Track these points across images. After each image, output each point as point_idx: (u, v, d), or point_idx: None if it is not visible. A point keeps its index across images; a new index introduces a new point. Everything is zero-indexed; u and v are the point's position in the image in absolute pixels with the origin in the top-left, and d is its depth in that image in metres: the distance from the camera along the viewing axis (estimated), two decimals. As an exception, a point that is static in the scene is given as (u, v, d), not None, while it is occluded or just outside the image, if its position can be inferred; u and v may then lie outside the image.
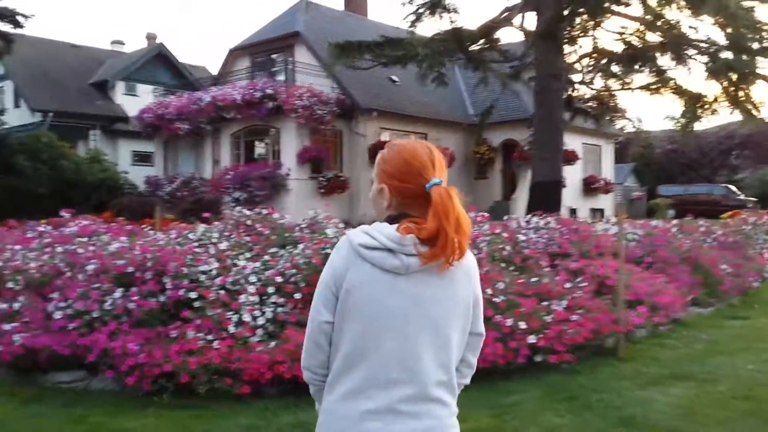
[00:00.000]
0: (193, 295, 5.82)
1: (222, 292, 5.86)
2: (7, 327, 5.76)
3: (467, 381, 1.88)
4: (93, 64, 28.91)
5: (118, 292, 5.85)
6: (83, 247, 6.85)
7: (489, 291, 6.03)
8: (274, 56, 21.59)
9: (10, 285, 6.41)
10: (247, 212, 7.38)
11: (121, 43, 32.37)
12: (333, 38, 16.93)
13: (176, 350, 5.34)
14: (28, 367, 5.74)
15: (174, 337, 5.54)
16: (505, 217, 9.15)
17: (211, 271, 6.04)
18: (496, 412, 4.77)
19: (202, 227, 6.94)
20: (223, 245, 6.47)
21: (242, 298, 5.74)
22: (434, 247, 1.60)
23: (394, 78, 21.08)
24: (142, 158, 25.76)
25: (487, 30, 15.96)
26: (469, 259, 1.75)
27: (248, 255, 6.45)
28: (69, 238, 7.69)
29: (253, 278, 5.99)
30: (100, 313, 5.73)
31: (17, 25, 21.40)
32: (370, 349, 1.63)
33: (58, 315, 5.76)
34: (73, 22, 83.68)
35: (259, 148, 20.03)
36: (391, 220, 1.69)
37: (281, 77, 20.14)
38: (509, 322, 5.69)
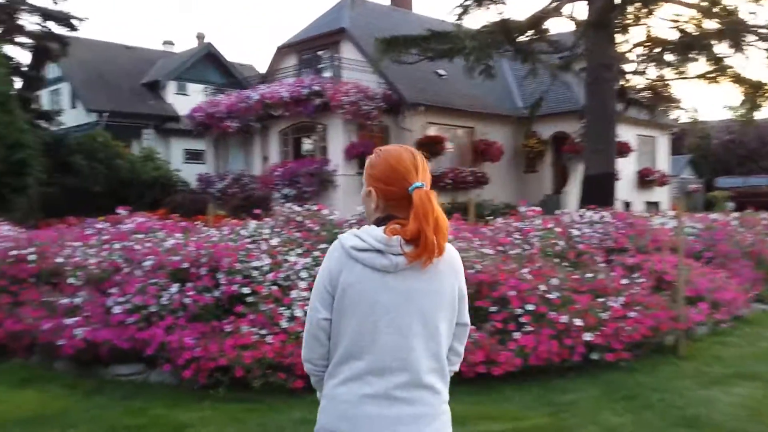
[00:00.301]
0: (246, 290, 5.89)
1: (274, 287, 5.91)
2: (68, 321, 5.94)
3: (456, 368, 2.00)
4: (145, 65, 29.65)
5: (175, 287, 5.96)
6: (140, 243, 7.01)
7: (542, 287, 5.93)
8: (320, 53, 21.70)
9: (71, 280, 6.62)
10: (297, 208, 7.43)
11: (171, 43, 33.11)
12: (379, 33, 16.90)
13: (231, 344, 5.42)
14: (89, 360, 5.91)
15: (228, 332, 5.61)
16: (557, 212, 8.98)
17: (263, 266, 6.10)
18: (553, 411, 4.67)
19: (253, 223, 7.02)
20: (275, 241, 6.52)
21: (294, 293, 5.78)
22: (417, 247, 1.73)
23: (441, 72, 20.93)
24: (193, 156, 26.30)
25: (536, 20, 15.65)
26: (453, 254, 1.88)
27: (299, 251, 6.49)
28: (126, 235, 7.88)
29: (304, 274, 6.03)
30: (158, 307, 5.86)
31: (72, 28, 22.09)
32: (366, 342, 1.77)
33: (117, 309, 5.91)
34: (126, 24, 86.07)
35: (307, 145, 20.17)
36: (378, 222, 1.82)
37: (328, 74, 20.24)
38: (564, 319, 5.57)
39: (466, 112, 20.52)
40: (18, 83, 21.84)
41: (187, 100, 26.00)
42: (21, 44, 22.01)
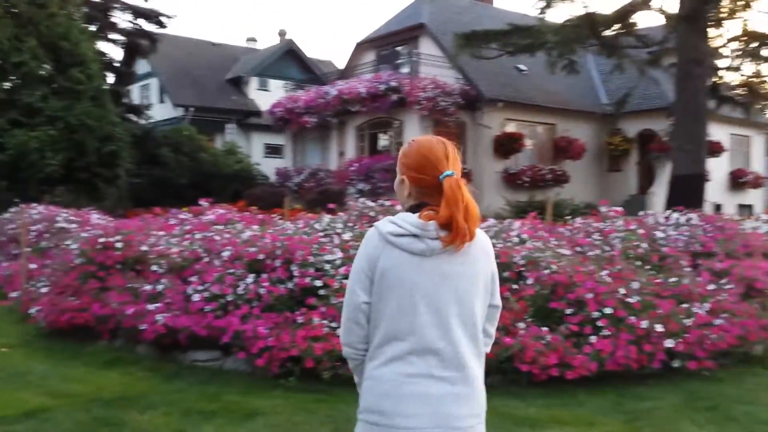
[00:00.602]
0: (318, 283, 5.96)
1: (345, 281, 5.94)
2: (150, 307, 6.19)
3: (488, 349, 2.03)
4: (229, 61, 30.59)
5: (250, 278, 6.11)
6: (219, 234, 7.22)
7: (622, 291, 5.70)
8: (399, 49, 21.72)
9: (154, 268, 6.89)
10: (370, 204, 7.45)
11: (254, 40, 34.00)
12: (458, 28, 16.72)
13: (302, 336, 5.49)
14: (169, 345, 6.13)
15: (300, 323, 5.70)
16: (641, 213, 8.63)
17: (335, 260, 6.15)
18: (628, 418, 4.49)
19: (327, 218, 7.09)
20: (347, 236, 6.57)
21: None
22: (450, 232, 1.79)
23: (522, 67, 20.52)
24: (273, 150, 26.94)
25: (624, 14, 15.07)
26: (485, 238, 1.94)
27: (372, 245, 6.49)
28: (207, 226, 8.15)
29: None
30: (234, 297, 6.02)
31: (161, 25, 23.06)
32: (406, 323, 1.82)
33: (196, 297, 6.11)
34: (213, 22, 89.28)
35: (383, 140, 20.25)
36: (412, 209, 1.89)
37: (406, 70, 20.22)
38: (644, 324, 5.34)
39: (546, 109, 20.03)
40: (110, 78, 23.01)
41: (268, 95, 26.64)
42: (114, 41, 23.19)
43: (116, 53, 33.13)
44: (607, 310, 5.51)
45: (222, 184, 21.29)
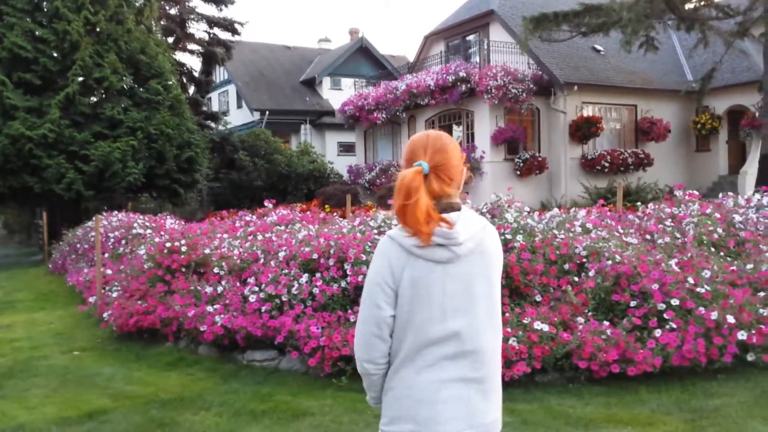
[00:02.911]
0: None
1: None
2: (210, 309, 6.33)
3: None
4: (303, 63, 31.11)
5: (304, 278, 6.13)
6: (278, 235, 7.31)
7: (691, 280, 5.31)
8: (468, 38, 21.35)
9: (215, 270, 7.05)
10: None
11: (327, 40, 34.37)
12: (529, 12, 16.21)
13: (353, 334, 5.44)
14: (228, 345, 6.25)
15: (353, 322, 5.66)
16: (720, 195, 8.04)
17: (388, 257, 6.06)
18: (692, 417, 4.15)
19: (382, 214, 7.01)
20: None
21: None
22: (404, 224, 1.76)
23: (598, 47, 19.68)
24: (346, 148, 27.18)
25: (702, -16, 14.15)
26: (493, 230, 1.92)
27: (426, 241, 6.36)
28: (268, 227, 8.28)
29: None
30: (288, 297, 6.05)
31: (234, 32, 23.72)
32: (438, 330, 1.80)
33: (252, 298, 6.19)
34: (288, 26, 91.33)
35: (454, 132, 19.98)
36: None
37: (476, 59, 19.84)
38: (714, 315, 4.94)
39: (626, 89, 19.12)
40: (190, 87, 23.91)
41: (340, 94, 26.89)
42: (191, 51, 24.06)
43: (194, 63, 34.32)
44: (674, 302, 5.15)
45: (296, 184, 21.68)
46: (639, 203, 9.71)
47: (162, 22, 21.92)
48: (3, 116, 14.98)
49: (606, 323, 5.21)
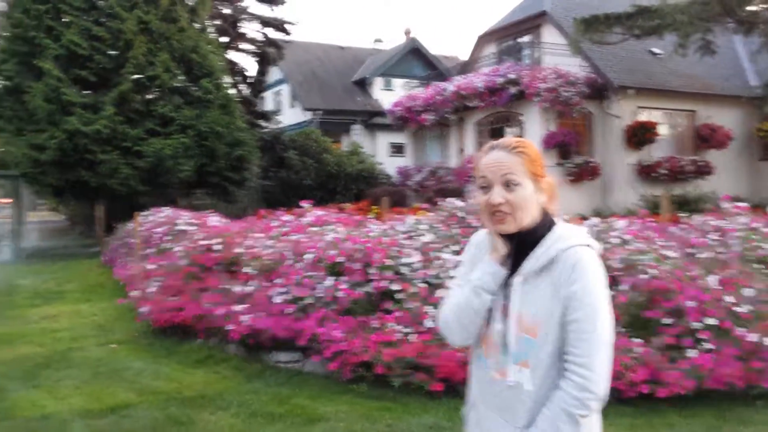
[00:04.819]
0: (396, 286, 5.83)
1: (424, 285, 5.77)
2: (237, 308, 6.37)
3: None
4: (356, 64, 31.25)
5: (329, 281, 6.11)
6: (308, 237, 7.30)
7: (730, 299, 5.03)
8: (520, 40, 20.99)
9: (246, 269, 7.11)
10: (459, 203, 7.18)
11: (380, 41, 34.51)
12: (582, 13, 15.80)
13: (374, 340, 5.39)
14: (255, 345, 6.28)
15: (375, 328, 5.60)
16: (770, 207, 7.64)
17: (413, 263, 5.98)
18: (721, 447, 3.92)
19: (411, 218, 6.93)
20: (428, 237, 6.36)
21: (440, 292, 5.57)
22: None
23: (656, 50, 19.03)
24: (397, 150, 27.14)
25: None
26: None
27: (455, 248, 6.26)
28: (303, 228, 8.29)
29: (454, 272, 5.79)
30: (313, 299, 6.05)
31: (286, 32, 23.99)
32: None
33: (278, 299, 6.21)
34: (342, 26, 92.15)
35: (506, 135, 19.67)
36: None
37: (527, 61, 19.49)
38: (753, 337, 4.67)
39: (685, 94, 18.42)
40: (242, 86, 24.32)
41: (392, 95, 26.86)
42: (244, 51, 24.49)
43: (247, 62, 34.89)
44: (710, 321, 4.89)
45: (345, 184, 21.76)
46: (688, 214, 9.31)
47: (216, 22, 22.37)
48: (60, 112, 15.54)
49: (637, 341, 5.00)
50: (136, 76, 16.29)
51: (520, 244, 1.71)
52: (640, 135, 17.59)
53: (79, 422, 4.68)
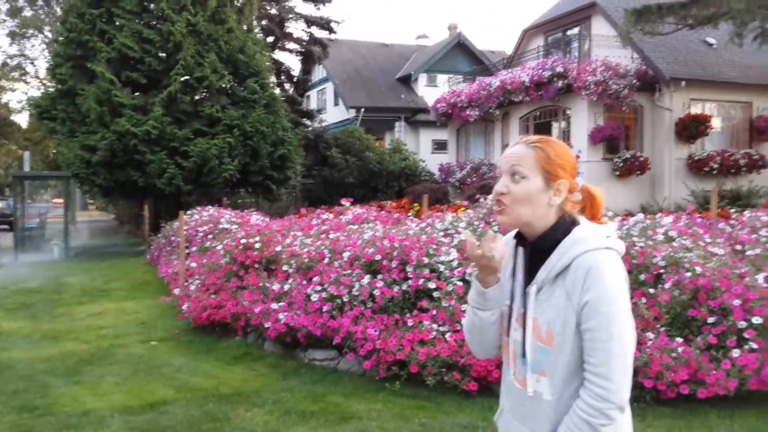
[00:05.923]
0: (432, 285, 5.78)
1: (460, 283, 5.70)
2: (274, 306, 6.43)
3: None
4: (400, 61, 31.15)
5: (366, 279, 6.09)
6: (347, 235, 7.31)
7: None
8: (569, 32, 20.56)
9: (284, 268, 7.16)
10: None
11: (425, 37, 34.22)
12: (634, 3, 15.35)
13: (409, 339, 5.36)
14: (292, 343, 6.33)
15: (410, 326, 5.57)
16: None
17: (450, 261, 5.92)
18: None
19: (450, 216, 6.85)
20: (465, 235, 6.27)
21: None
22: None
23: (710, 40, 18.37)
24: (440, 146, 26.96)
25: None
26: None
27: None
28: (342, 226, 8.31)
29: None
30: (349, 297, 6.04)
31: (331, 31, 24.10)
32: None
33: (314, 297, 6.23)
34: (386, 23, 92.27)
35: (553, 130, 19.30)
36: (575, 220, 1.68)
37: (576, 53, 19.06)
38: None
39: (740, 85, 17.71)
40: (287, 86, 24.54)
41: (436, 91, 26.67)
42: (289, 50, 24.72)
43: (293, 62, 35.28)
44: (756, 320, 4.68)
45: (387, 181, 21.73)
46: (740, 209, 8.95)
47: (263, 22, 22.64)
48: (111, 114, 15.99)
49: (678, 340, 4.83)
50: (184, 78, 16.61)
51: (535, 251, 1.66)
52: (691, 128, 17.00)
53: (118, 418, 4.78)
